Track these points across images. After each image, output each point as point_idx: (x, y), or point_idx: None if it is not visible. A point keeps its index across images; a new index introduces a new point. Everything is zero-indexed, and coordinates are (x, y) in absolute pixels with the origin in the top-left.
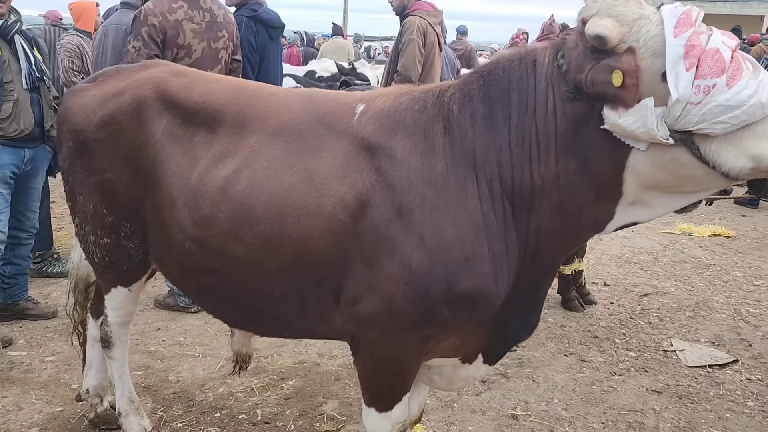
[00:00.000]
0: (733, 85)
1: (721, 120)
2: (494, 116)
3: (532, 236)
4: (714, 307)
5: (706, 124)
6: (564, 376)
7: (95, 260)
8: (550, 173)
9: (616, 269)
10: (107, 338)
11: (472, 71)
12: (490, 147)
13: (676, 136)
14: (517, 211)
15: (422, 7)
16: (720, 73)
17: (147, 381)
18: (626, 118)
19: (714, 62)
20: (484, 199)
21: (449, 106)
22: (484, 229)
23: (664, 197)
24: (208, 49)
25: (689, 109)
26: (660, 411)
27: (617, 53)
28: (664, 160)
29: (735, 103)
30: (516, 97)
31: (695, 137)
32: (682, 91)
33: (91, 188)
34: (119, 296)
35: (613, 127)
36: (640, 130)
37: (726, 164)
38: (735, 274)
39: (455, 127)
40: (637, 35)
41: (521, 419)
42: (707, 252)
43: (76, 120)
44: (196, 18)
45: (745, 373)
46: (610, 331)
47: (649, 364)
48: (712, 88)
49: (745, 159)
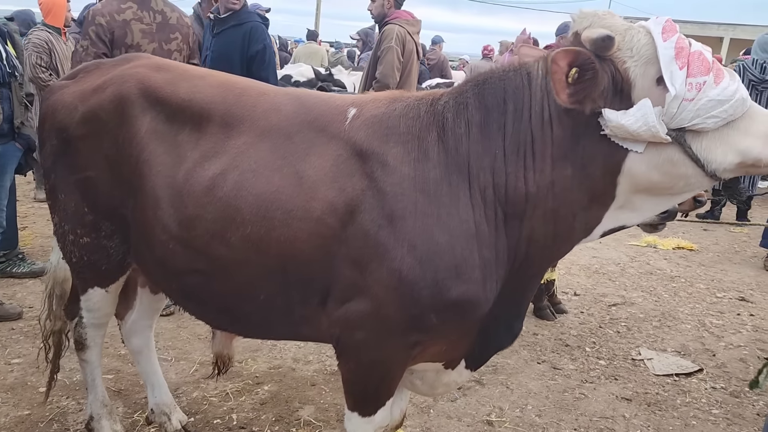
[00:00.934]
0: (719, 81)
1: (713, 114)
2: (489, 124)
3: (523, 243)
4: (679, 317)
5: (700, 119)
6: (537, 383)
7: (73, 259)
8: (546, 181)
9: (585, 279)
10: (81, 340)
11: (466, 80)
12: (485, 155)
13: (672, 134)
14: (510, 218)
15: (401, 16)
16: (707, 71)
17: (118, 385)
18: (628, 119)
19: (701, 62)
20: (477, 206)
21: (444, 114)
22: (476, 236)
23: (650, 200)
24: (159, 50)
25: (685, 105)
26: (630, 418)
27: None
28: (659, 161)
29: (724, 97)
30: (512, 106)
31: (687, 135)
32: (679, 88)
33: (72, 186)
34: (96, 297)
35: (615, 129)
36: (642, 129)
37: (715, 161)
38: (699, 286)
39: (450, 135)
40: (630, 44)
41: (496, 425)
42: (672, 264)
43: (59, 117)
44: (145, 19)
45: (710, 381)
46: (580, 339)
47: (619, 372)
48: (703, 84)
49: (732, 154)
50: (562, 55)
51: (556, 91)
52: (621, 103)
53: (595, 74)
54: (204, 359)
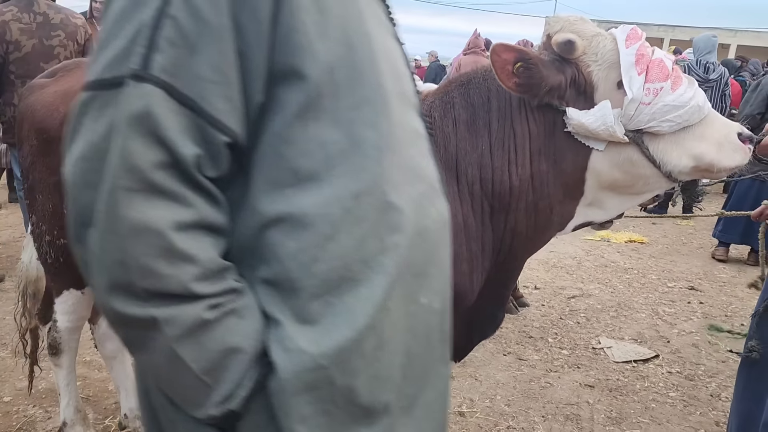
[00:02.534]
0: (676, 88)
1: (668, 118)
2: (476, 122)
3: (508, 235)
4: (634, 307)
5: (655, 122)
6: (504, 374)
7: (48, 261)
8: (526, 174)
9: (544, 273)
10: (56, 345)
11: (450, 81)
12: (472, 151)
13: (630, 135)
14: (496, 211)
15: None
16: (665, 78)
17: (86, 391)
18: (588, 118)
19: (660, 69)
20: (465, 201)
21: (430, 113)
22: (464, 229)
23: (615, 198)
24: (39, 45)
25: (641, 108)
26: (593, 404)
27: (577, 63)
28: (620, 159)
29: (679, 103)
30: (496, 103)
31: (645, 137)
32: (636, 92)
33: (51, 187)
34: (71, 299)
35: (577, 127)
36: (600, 128)
37: (671, 163)
38: (651, 276)
39: (438, 134)
40: (596, 48)
41: (468, 416)
42: (625, 257)
43: (39, 118)
44: (24, 19)
45: (666, 366)
46: (543, 331)
47: (581, 361)
48: (660, 90)
49: (687, 158)
50: (502, 48)
51: (501, 79)
52: (585, 103)
53: (537, 71)
54: None
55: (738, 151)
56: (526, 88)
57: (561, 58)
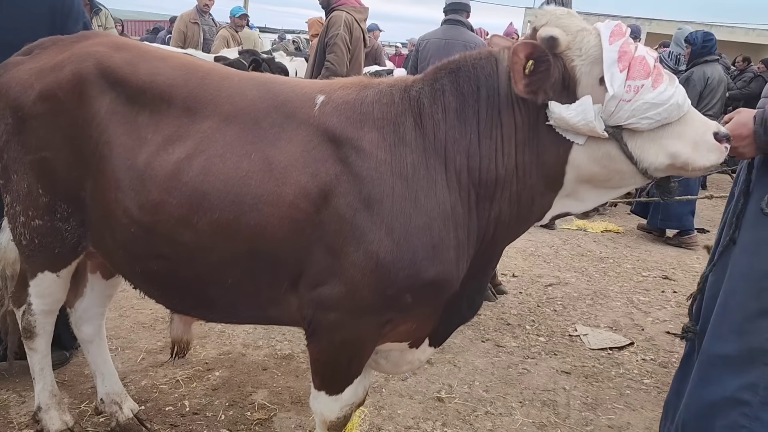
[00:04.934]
0: (657, 86)
1: (647, 116)
2: (465, 110)
3: (492, 223)
4: (610, 295)
5: (635, 119)
6: (482, 361)
7: (23, 242)
8: (511, 164)
9: (522, 261)
10: (30, 328)
11: (437, 68)
12: (461, 139)
13: (609, 131)
14: (481, 199)
15: (348, 3)
16: (646, 76)
17: (62, 376)
18: (569, 112)
19: (642, 67)
20: (452, 188)
21: (419, 99)
22: (452, 217)
23: (593, 191)
24: None
25: (621, 105)
26: (570, 390)
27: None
28: (598, 154)
29: (659, 101)
30: (485, 92)
31: (624, 133)
32: (617, 89)
33: (26, 166)
34: (46, 282)
35: (558, 121)
36: (580, 123)
37: (647, 160)
38: (626, 266)
39: (427, 120)
40: (580, 44)
41: (446, 401)
42: (601, 246)
43: (13, 95)
44: None
45: (640, 354)
46: (521, 318)
47: (558, 348)
48: (641, 88)
49: (663, 156)
50: (522, 47)
51: (515, 80)
52: (567, 97)
53: (548, 67)
54: (150, 347)
55: (713, 150)
56: (536, 86)
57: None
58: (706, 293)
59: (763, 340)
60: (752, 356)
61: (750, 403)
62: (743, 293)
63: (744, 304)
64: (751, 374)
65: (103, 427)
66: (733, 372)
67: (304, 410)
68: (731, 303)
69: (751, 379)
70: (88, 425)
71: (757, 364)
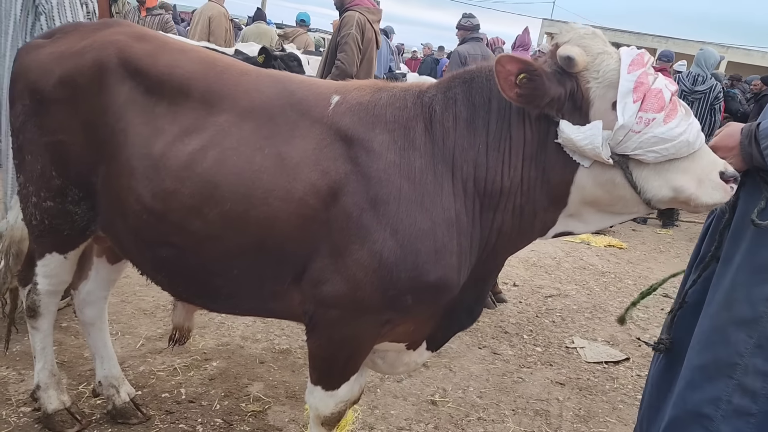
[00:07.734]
0: (668, 121)
1: (654, 149)
2: (475, 121)
3: (494, 234)
4: (609, 310)
5: (641, 151)
6: (478, 367)
7: (33, 222)
8: (517, 177)
9: (523, 271)
10: (35, 307)
11: (453, 76)
12: (470, 149)
13: (615, 158)
14: (485, 209)
15: (362, 3)
16: (660, 109)
17: (61, 357)
18: (578, 135)
19: (656, 100)
20: (458, 196)
21: (431, 106)
22: (456, 224)
23: (597, 215)
24: None
25: (630, 135)
26: (563, 401)
27: (578, 78)
28: (602, 179)
29: (668, 136)
30: (496, 104)
31: (630, 162)
32: (627, 119)
33: (42, 148)
34: (53, 263)
35: (566, 141)
36: (587, 147)
37: (651, 191)
38: (627, 281)
39: (437, 127)
40: (599, 66)
41: (440, 405)
42: (603, 260)
43: (33, 78)
44: None
45: (636, 369)
46: (519, 327)
47: (554, 359)
48: (652, 121)
49: (667, 189)
50: (507, 60)
51: (502, 88)
52: (579, 118)
53: (540, 84)
54: (150, 334)
55: (718, 189)
56: (527, 99)
57: (563, 70)
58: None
59: (732, 352)
60: (718, 368)
61: (711, 417)
62: (716, 304)
63: (715, 315)
64: (716, 387)
65: (100, 410)
66: (696, 385)
67: (299, 405)
68: (705, 313)
69: (714, 393)
70: (85, 407)
71: (721, 377)
